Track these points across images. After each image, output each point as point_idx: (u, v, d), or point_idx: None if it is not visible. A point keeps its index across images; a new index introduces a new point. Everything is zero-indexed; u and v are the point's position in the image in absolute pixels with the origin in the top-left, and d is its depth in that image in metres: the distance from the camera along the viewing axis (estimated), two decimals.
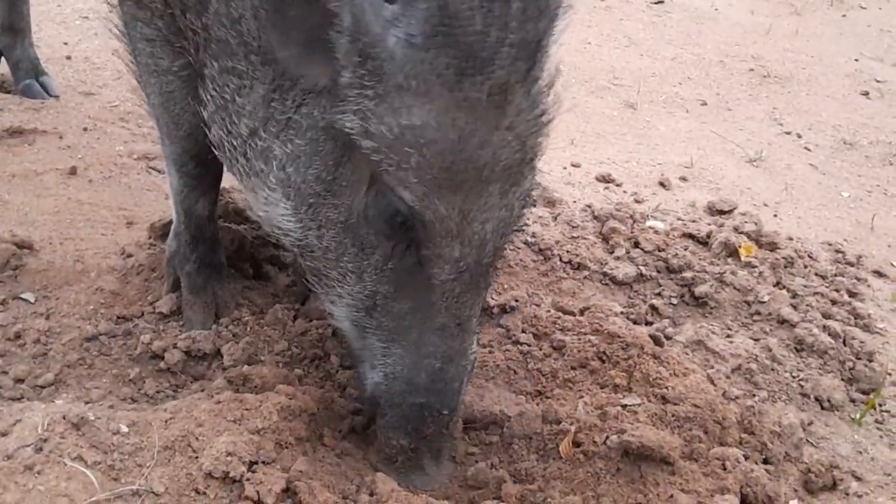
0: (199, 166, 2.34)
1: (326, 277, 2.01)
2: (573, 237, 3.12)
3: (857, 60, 5.03)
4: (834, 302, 2.99)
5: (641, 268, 3.01)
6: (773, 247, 3.19)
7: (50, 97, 3.69)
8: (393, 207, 1.81)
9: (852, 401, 2.64)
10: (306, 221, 1.94)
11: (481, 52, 1.63)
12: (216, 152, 2.11)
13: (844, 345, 2.79)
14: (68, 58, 4.04)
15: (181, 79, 2.20)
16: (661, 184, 3.67)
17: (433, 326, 1.93)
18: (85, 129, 3.52)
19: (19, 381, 2.28)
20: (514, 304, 2.70)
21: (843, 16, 5.60)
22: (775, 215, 3.57)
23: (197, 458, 1.85)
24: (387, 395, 1.99)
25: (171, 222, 2.61)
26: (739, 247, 3.13)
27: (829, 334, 2.79)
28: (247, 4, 1.87)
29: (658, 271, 3.03)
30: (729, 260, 3.11)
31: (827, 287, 3.07)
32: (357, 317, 2.00)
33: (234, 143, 2.02)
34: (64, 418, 1.87)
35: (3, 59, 3.74)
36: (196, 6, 1.99)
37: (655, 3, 5.49)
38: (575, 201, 3.40)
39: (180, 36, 2.11)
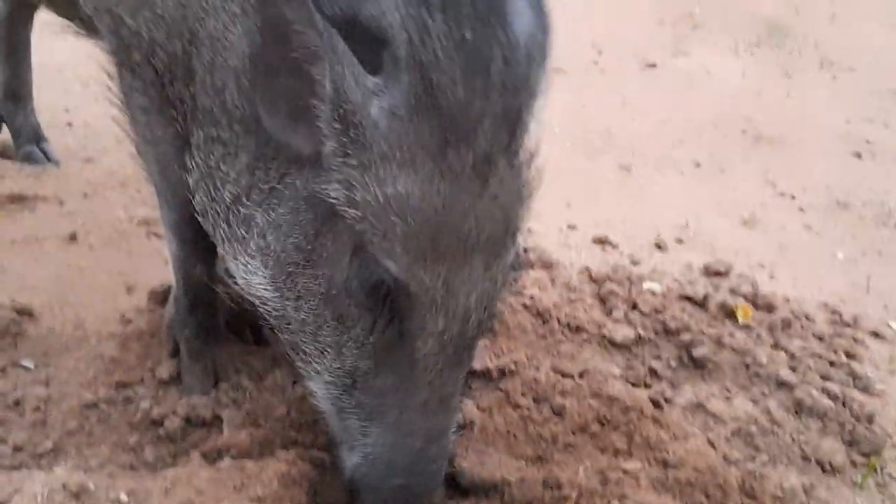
0: (197, 232, 2.33)
1: (304, 352, 1.99)
2: (571, 300, 3.14)
3: (848, 122, 5.08)
4: (832, 363, 3.00)
5: (640, 330, 3.02)
6: (770, 308, 3.21)
7: (50, 163, 3.73)
8: (376, 278, 1.80)
9: (853, 463, 2.63)
10: (284, 291, 1.93)
11: (464, 123, 1.67)
12: (200, 219, 2.13)
13: (844, 407, 2.79)
14: (69, 124, 4.09)
15: (175, 147, 2.22)
16: (657, 245, 3.70)
17: (415, 404, 1.90)
18: (85, 195, 3.54)
19: (18, 449, 2.28)
20: (513, 367, 2.71)
21: (833, 78, 5.67)
22: (771, 276, 3.59)
23: None
24: (366, 477, 1.95)
25: (170, 288, 2.63)
26: (736, 308, 3.15)
27: (829, 396, 2.80)
28: (231, 74, 1.92)
29: (656, 333, 3.03)
30: (726, 322, 3.13)
31: (825, 348, 3.08)
32: (336, 394, 1.98)
33: (217, 210, 2.04)
34: (64, 487, 1.87)
35: (4, 125, 3.78)
36: (183, 76, 2.04)
37: (648, 67, 5.56)
38: (572, 263, 3.42)
39: (171, 105, 2.14)
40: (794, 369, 2.91)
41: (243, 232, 1.98)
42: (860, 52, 6.02)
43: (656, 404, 2.64)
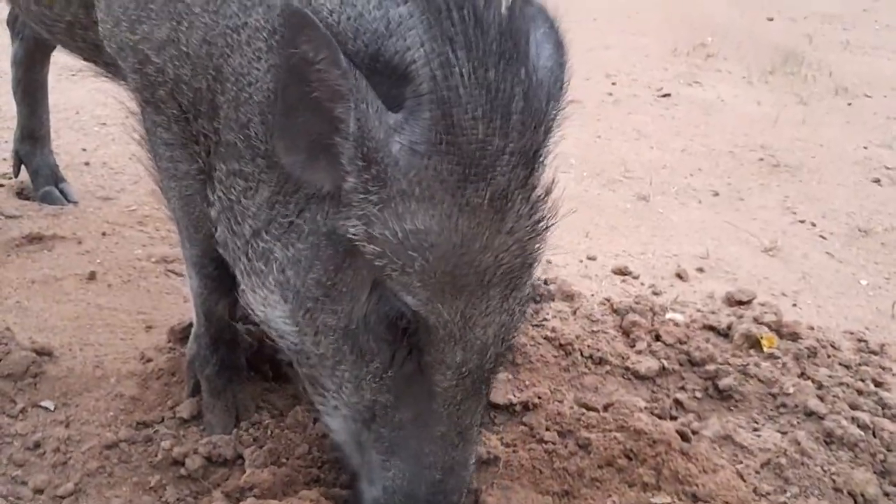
0: (219, 268, 2.35)
1: (322, 387, 2.01)
2: (593, 331, 3.11)
3: (865, 148, 5.07)
4: (860, 392, 2.95)
5: (663, 361, 2.99)
6: (794, 337, 3.17)
7: (69, 203, 3.74)
8: (395, 313, 1.82)
9: (886, 494, 2.57)
10: (303, 326, 1.95)
11: (483, 160, 1.69)
12: (220, 251, 2.16)
13: (874, 436, 2.74)
14: (87, 164, 4.11)
15: (199, 182, 2.24)
16: (678, 275, 3.68)
17: (434, 436, 1.91)
18: (103, 234, 3.56)
19: (39, 491, 2.27)
20: (536, 400, 2.69)
21: (849, 104, 5.67)
22: (794, 304, 3.56)
23: None
24: None
25: (190, 325, 2.62)
26: (761, 338, 3.11)
27: (858, 426, 2.75)
28: (255, 110, 1.94)
29: (680, 364, 3.00)
30: (751, 351, 3.09)
31: (852, 377, 3.02)
32: (355, 428, 1.99)
33: (238, 243, 2.07)
34: None
35: (23, 166, 3.80)
36: (208, 111, 2.06)
37: (662, 97, 5.58)
38: (593, 294, 3.40)
39: (194, 140, 2.17)
40: (822, 399, 2.86)
41: (262, 265, 2.00)
42: (875, 79, 6.03)
43: (684, 437, 2.61)
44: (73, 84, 4.52)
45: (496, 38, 1.70)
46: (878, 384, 3.03)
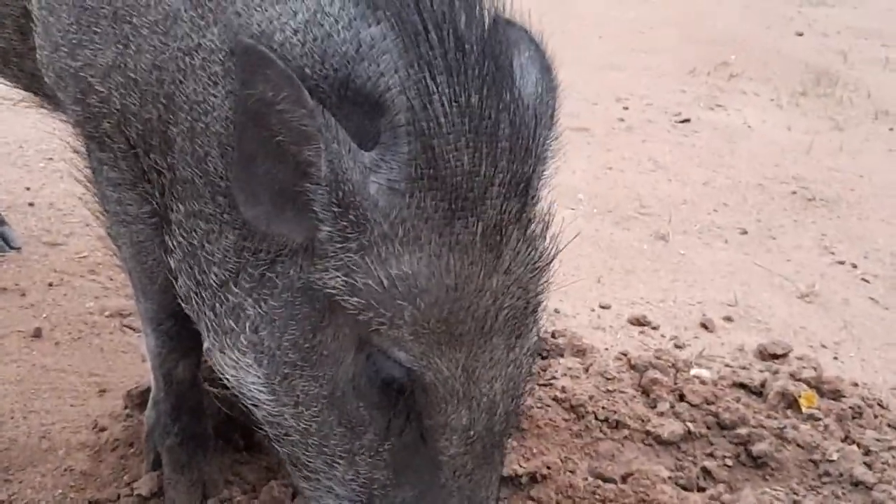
0: (178, 324, 2.36)
1: (308, 467, 1.97)
2: (609, 391, 3.11)
3: None
4: None
5: (689, 424, 2.99)
6: (836, 395, 3.18)
7: (11, 250, 3.74)
8: (387, 373, 1.79)
9: None
10: (281, 395, 1.93)
11: (470, 193, 1.70)
12: (183, 305, 2.13)
13: None
14: (31, 204, 4.11)
15: (152, 227, 2.24)
16: (704, 325, 3.68)
17: None
18: (50, 285, 3.55)
19: None
20: (545, 471, 2.69)
21: (891, 129, 5.72)
22: (835, 358, 3.57)
23: None
24: None
25: (149, 389, 2.62)
26: (799, 396, 3.11)
27: None
28: (213, 141, 1.94)
29: (708, 428, 3.00)
30: (788, 412, 3.09)
31: None
32: None
33: (204, 295, 2.05)
34: None
35: None
36: (160, 144, 2.06)
37: (681, 122, 5.62)
38: (607, 348, 3.41)
39: (146, 179, 2.17)
40: (869, 466, 2.87)
41: (232, 323, 1.98)
42: None
43: None
44: (15, 115, 4.53)
45: (478, 60, 1.72)
46: None
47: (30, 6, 2.22)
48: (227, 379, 2.04)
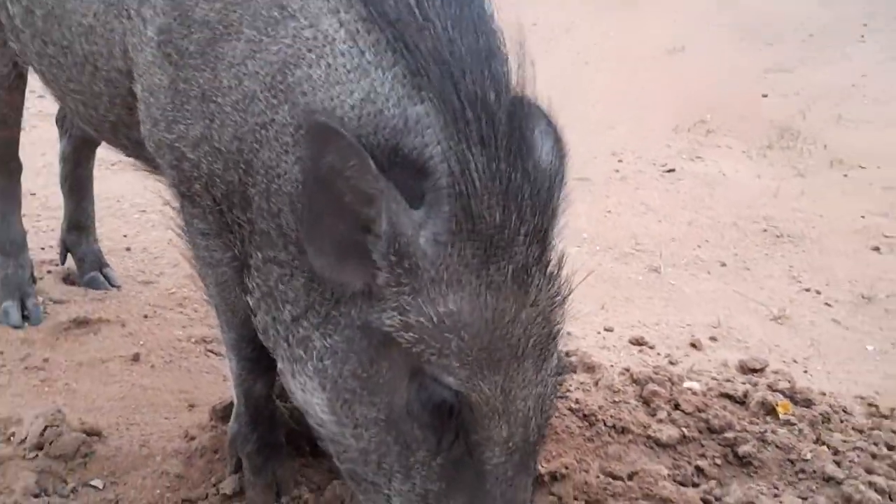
0: (256, 350, 2.34)
1: (367, 481, 1.95)
2: (615, 402, 3.10)
3: (863, 217, 5.07)
4: (874, 456, 2.93)
5: (683, 429, 2.97)
6: (808, 403, 3.16)
7: (112, 287, 3.76)
8: (438, 397, 1.78)
9: None
10: (342, 417, 1.91)
11: (501, 242, 1.72)
12: (261, 336, 2.14)
13: (891, 500, 2.70)
14: (128, 249, 4.14)
15: (234, 269, 2.25)
16: (693, 345, 3.67)
17: None
18: (146, 317, 3.57)
19: None
20: (563, 471, 2.67)
21: (845, 175, 5.69)
22: (805, 371, 3.54)
23: None
24: None
25: (231, 404, 2.62)
26: (776, 405, 3.10)
27: (875, 490, 2.72)
28: (285, 200, 1.96)
29: (700, 432, 2.98)
30: (767, 418, 3.07)
31: (865, 441, 3.01)
32: None
33: (279, 329, 2.05)
34: None
35: (69, 253, 3.84)
36: (241, 202, 2.08)
37: (667, 172, 5.61)
38: (612, 365, 3.39)
39: (229, 230, 2.18)
40: (838, 464, 2.84)
41: (302, 352, 1.98)
42: (868, 151, 6.06)
43: None
44: (113, 174, 4.59)
45: (505, 133, 1.74)
46: (890, 448, 3.01)
47: (135, 88, 2.26)
48: (296, 400, 2.05)
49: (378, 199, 1.70)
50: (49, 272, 3.85)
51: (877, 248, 4.70)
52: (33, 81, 3.09)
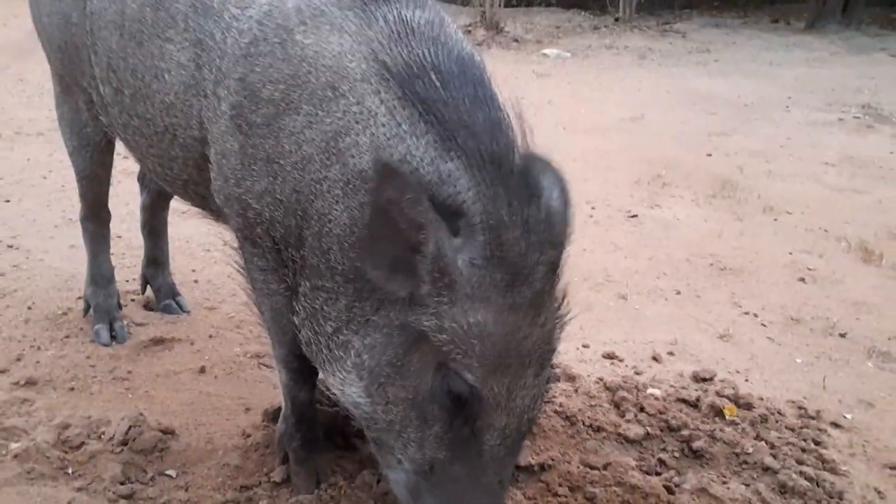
0: (302, 363, 2.36)
1: (387, 446, 1.98)
2: (592, 405, 3.10)
3: (790, 254, 5.06)
4: (804, 450, 2.92)
5: (648, 428, 2.97)
6: (749, 406, 3.15)
7: (184, 313, 3.78)
8: (456, 387, 1.81)
9: None
10: (376, 398, 1.93)
11: (524, 270, 1.73)
12: (304, 349, 2.16)
13: (818, 486, 2.70)
14: (195, 281, 4.17)
15: (286, 298, 2.26)
16: (654, 358, 3.66)
17: (480, 484, 1.89)
18: (210, 336, 3.59)
19: None
20: (550, 462, 2.67)
21: (775, 219, 5.70)
22: (746, 380, 3.53)
23: None
24: None
25: (279, 408, 2.63)
26: (723, 408, 3.09)
27: (805, 478, 2.71)
28: (334, 240, 1.99)
29: (661, 430, 2.98)
30: (716, 419, 3.07)
31: (797, 438, 2.99)
32: (415, 480, 1.95)
33: (321, 341, 2.07)
34: None
35: (148, 285, 3.87)
36: (296, 242, 2.10)
37: (631, 217, 5.62)
38: (589, 375, 3.39)
39: (283, 265, 2.20)
40: (775, 456, 2.83)
41: (341, 353, 2.00)
42: (793, 199, 6.08)
43: (669, 490, 2.58)
44: (183, 220, 4.61)
45: (521, 182, 1.76)
46: (816, 443, 3.00)
47: (208, 152, 2.29)
48: (335, 393, 2.06)
49: (427, 226, 1.73)
50: (132, 300, 3.87)
51: (802, 279, 4.70)
52: (118, 145, 3.13)
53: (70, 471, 2.53)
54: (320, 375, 2.63)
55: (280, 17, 2.08)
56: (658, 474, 2.75)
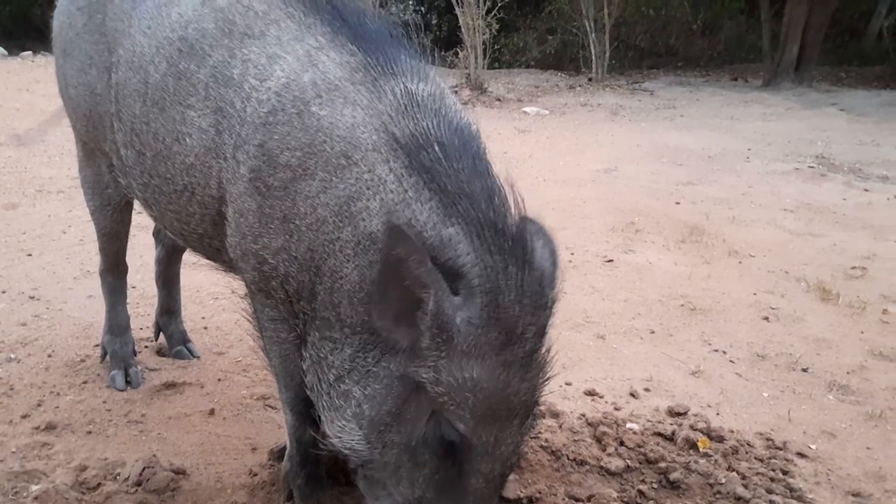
0: (306, 406, 2.35)
1: (379, 483, 1.97)
2: (575, 440, 3.09)
3: (755, 294, 5.11)
4: (772, 479, 2.92)
5: (628, 461, 2.96)
6: (721, 439, 3.16)
7: (194, 358, 3.77)
8: (448, 434, 1.82)
9: None
10: (374, 443, 1.93)
11: (517, 330, 1.74)
12: (308, 393, 2.15)
13: None
14: (205, 328, 4.15)
15: (294, 346, 2.27)
16: (632, 394, 3.66)
17: None
18: (219, 380, 3.57)
19: None
20: (537, 495, 2.67)
21: (740, 262, 5.75)
22: (717, 413, 3.54)
23: None
24: None
25: (285, 447, 2.61)
26: (697, 441, 3.10)
27: None
28: (344, 295, 1.99)
29: (640, 463, 2.98)
30: (691, 451, 3.07)
31: (765, 468, 3.00)
32: None
33: (322, 387, 2.06)
34: None
35: (161, 332, 3.86)
36: (308, 296, 2.10)
37: (607, 262, 5.66)
38: (572, 412, 3.39)
39: (294, 316, 2.20)
40: (746, 486, 2.83)
41: (342, 402, 2.00)
42: (755, 244, 6.14)
43: None
44: (193, 270, 4.62)
45: (515, 247, 1.78)
46: (784, 472, 3.01)
47: (225, 210, 2.30)
48: (333, 441, 2.04)
49: (430, 285, 1.74)
50: (146, 347, 3.86)
51: (766, 318, 4.74)
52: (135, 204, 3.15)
53: None
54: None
55: (297, 90, 2.10)
56: None
